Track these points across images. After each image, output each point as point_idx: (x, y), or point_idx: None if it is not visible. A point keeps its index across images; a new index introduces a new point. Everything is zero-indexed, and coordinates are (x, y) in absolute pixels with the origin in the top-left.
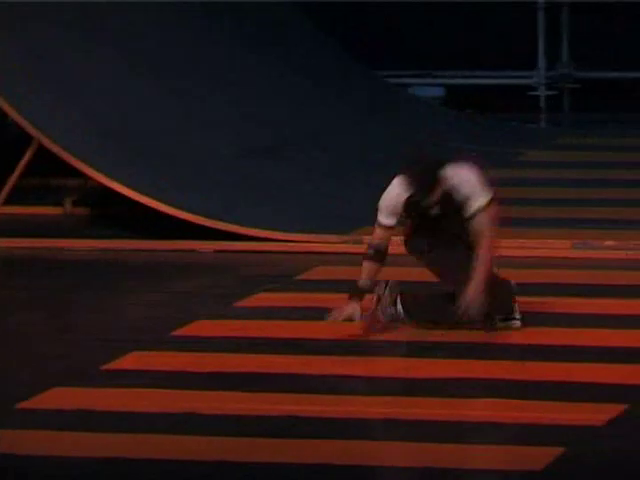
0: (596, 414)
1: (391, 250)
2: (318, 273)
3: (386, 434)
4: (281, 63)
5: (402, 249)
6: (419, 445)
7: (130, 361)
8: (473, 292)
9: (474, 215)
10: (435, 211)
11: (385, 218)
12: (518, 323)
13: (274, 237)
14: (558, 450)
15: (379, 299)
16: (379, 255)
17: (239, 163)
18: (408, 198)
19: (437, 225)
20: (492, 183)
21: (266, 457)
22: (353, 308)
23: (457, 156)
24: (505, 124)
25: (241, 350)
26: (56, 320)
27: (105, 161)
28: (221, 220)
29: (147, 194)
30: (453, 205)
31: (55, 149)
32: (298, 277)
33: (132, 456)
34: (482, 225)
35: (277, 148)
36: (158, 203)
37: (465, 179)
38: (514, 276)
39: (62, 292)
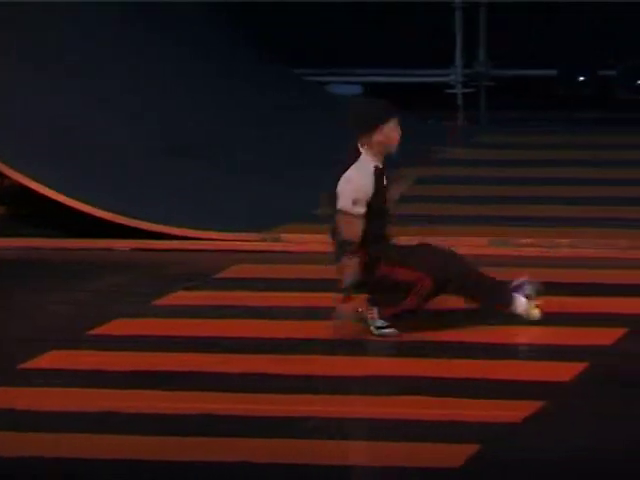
0: (513, 411)
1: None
2: (236, 271)
3: (306, 432)
4: (199, 62)
5: None
6: (337, 443)
7: (48, 360)
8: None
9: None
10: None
11: (361, 207)
12: None
13: (191, 235)
14: (475, 447)
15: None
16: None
17: (157, 161)
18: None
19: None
20: None
21: (183, 455)
22: (353, 307)
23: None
24: (423, 122)
25: (159, 349)
26: None
27: (23, 160)
28: (138, 218)
29: (64, 192)
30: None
31: None
32: (216, 275)
33: (50, 455)
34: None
35: (196, 147)
36: (75, 201)
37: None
38: None
39: None
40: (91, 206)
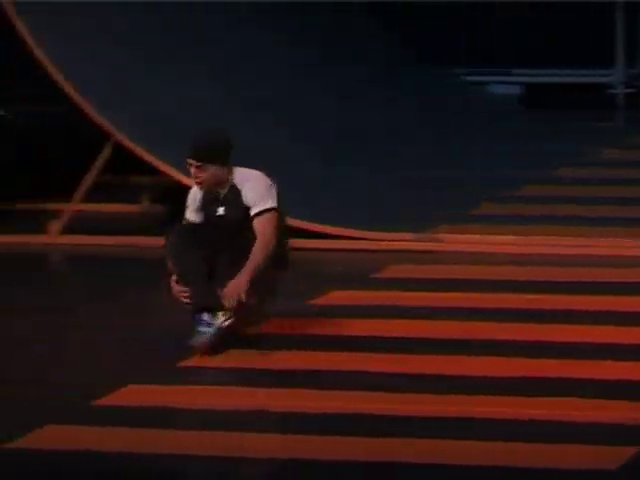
0: None
1: None
2: (393, 271)
3: (459, 433)
4: (357, 63)
5: None
6: (487, 444)
7: (203, 358)
8: (235, 284)
9: (256, 216)
10: (220, 212)
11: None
12: None
13: (349, 235)
14: (633, 450)
15: None
16: None
17: (313, 161)
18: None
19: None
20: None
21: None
22: None
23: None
24: (582, 122)
25: (313, 347)
26: (132, 317)
27: (181, 159)
28: (297, 218)
29: None
30: (236, 205)
31: (132, 147)
32: (373, 275)
33: (204, 453)
34: (262, 227)
35: (352, 147)
36: None
37: (254, 184)
38: (586, 274)
39: (138, 289)
40: None
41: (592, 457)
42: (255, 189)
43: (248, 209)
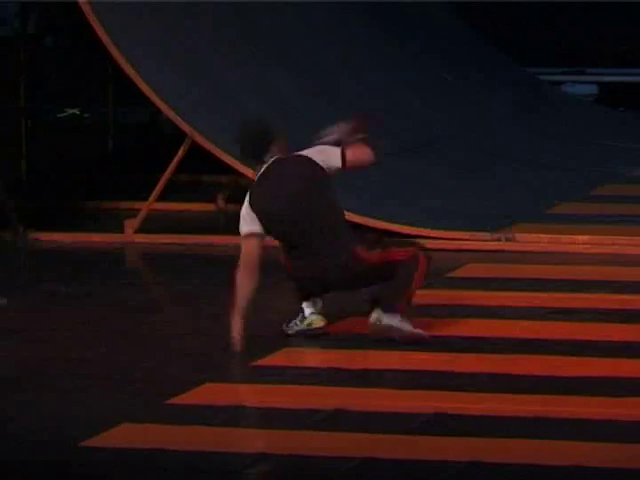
0: None
1: None
2: (469, 270)
3: (539, 432)
4: (432, 61)
5: None
6: (570, 443)
7: (281, 357)
8: None
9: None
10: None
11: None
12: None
13: (426, 234)
14: None
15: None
16: None
17: (388, 160)
18: None
19: None
20: None
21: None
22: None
23: None
24: None
25: (390, 348)
26: (208, 316)
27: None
28: (370, 216)
29: None
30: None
31: (208, 146)
32: (449, 274)
33: (280, 452)
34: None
35: (426, 146)
36: None
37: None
38: None
39: (213, 288)
40: None
41: None
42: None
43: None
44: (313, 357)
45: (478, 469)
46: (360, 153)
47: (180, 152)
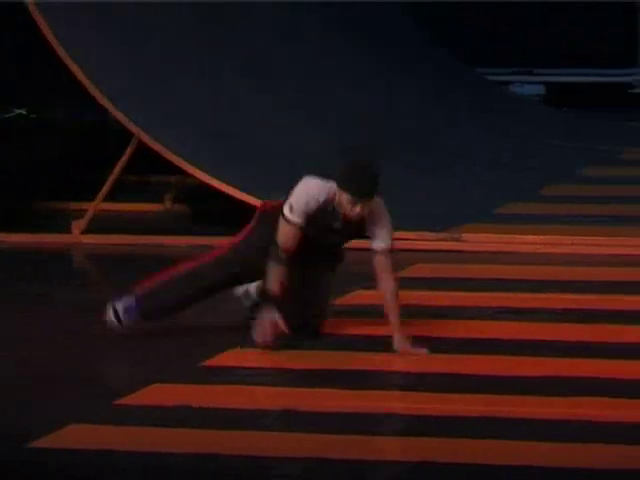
0: None
1: None
2: (416, 271)
3: (488, 432)
4: (381, 61)
5: None
6: (521, 444)
7: (229, 357)
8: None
9: (379, 252)
10: (337, 225)
11: (297, 217)
12: None
13: None
14: None
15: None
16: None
17: (336, 161)
18: (327, 201)
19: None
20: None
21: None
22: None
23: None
24: (605, 122)
25: (337, 348)
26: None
27: (204, 158)
28: None
29: (245, 190)
30: (356, 229)
31: (155, 146)
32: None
33: (230, 452)
34: (386, 265)
35: (374, 147)
36: (257, 200)
37: (384, 213)
38: (616, 274)
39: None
40: None
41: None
42: (384, 222)
43: (362, 234)
44: (263, 357)
45: (428, 469)
46: None
47: (127, 152)
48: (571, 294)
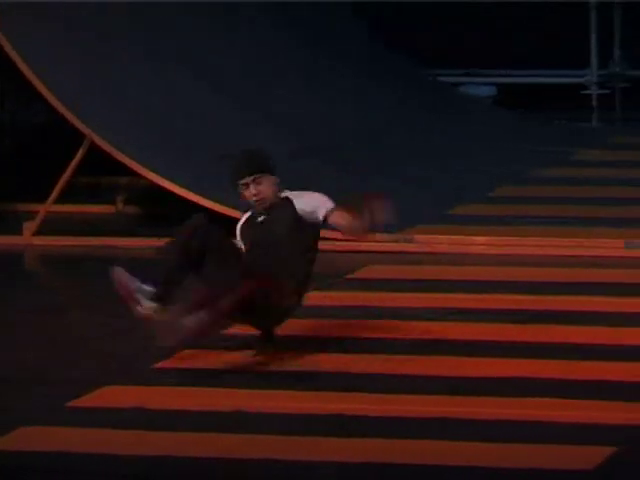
0: None
1: None
2: (368, 272)
3: (436, 433)
4: (333, 61)
5: None
6: (467, 444)
7: (180, 360)
8: None
9: (329, 212)
10: (261, 219)
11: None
12: None
13: (325, 236)
14: (610, 450)
15: None
16: None
17: (291, 162)
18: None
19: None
20: None
21: (312, 455)
22: None
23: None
24: (557, 123)
25: (291, 348)
26: (110, 320)
27: (156, 159)
28: None
29: (198, 192)
30: (282, 213)
31: (106, 147)
32: (348, 276)
33: (181, 454)
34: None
35: (330, 147)
36: (208, 201)
37: (303, 191)
38: (565, 275)
39: (115, 290)
40: (225, 206)
41: (569, 457)
42: (313, 197)
43: (299, 219)
44: (212, 359)
45: (377, 470)
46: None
47: (79, 154)
48: (520, 295)
